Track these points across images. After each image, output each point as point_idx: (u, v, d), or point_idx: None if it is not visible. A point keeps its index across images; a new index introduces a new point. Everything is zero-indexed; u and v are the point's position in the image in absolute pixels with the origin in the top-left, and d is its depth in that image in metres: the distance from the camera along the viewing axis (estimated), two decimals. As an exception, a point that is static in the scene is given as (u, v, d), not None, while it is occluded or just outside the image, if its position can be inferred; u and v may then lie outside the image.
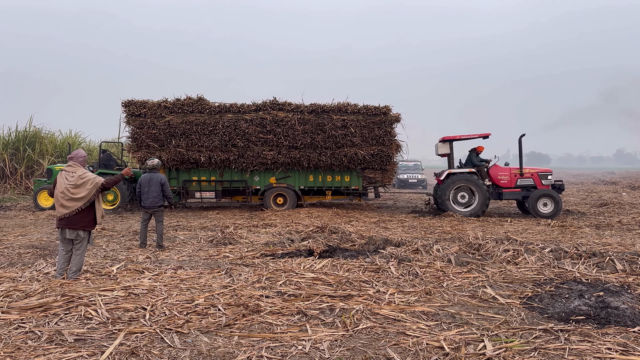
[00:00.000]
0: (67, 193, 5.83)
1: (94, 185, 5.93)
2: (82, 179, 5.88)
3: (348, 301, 5.19)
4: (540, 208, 13.38)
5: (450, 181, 13.73)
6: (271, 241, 9.03)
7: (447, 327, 4.49)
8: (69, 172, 5.95)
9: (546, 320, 4.67)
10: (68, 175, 5.93)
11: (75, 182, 5.86)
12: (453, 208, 13.60)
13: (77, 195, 5.85)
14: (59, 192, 5.88)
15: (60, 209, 5.90)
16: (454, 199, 13.77)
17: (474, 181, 13.55)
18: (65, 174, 5.95)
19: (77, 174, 5.92)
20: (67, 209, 5.86)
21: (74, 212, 5.88)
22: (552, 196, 13.40)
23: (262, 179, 15.40)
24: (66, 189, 5.85)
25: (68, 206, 5.86)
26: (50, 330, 4.27)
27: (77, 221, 5.95)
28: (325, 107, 14.87)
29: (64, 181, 5.89)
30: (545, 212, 13.31)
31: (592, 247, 8.06)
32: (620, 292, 5.38)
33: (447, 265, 6.80)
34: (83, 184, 5.88)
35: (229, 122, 14.65)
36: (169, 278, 6.13)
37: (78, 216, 5.94)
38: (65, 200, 5.85)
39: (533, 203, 13.39)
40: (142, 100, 14.88)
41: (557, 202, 13.35)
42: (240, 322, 4.57)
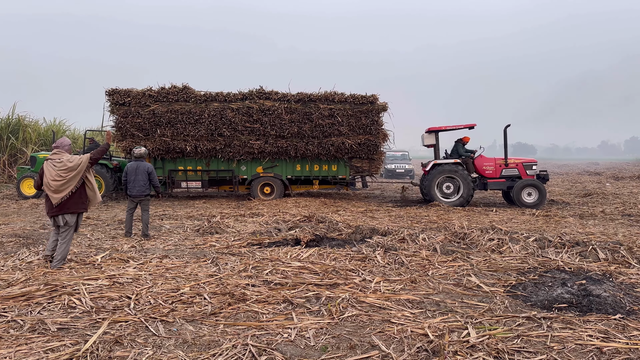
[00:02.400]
0: (59, 178, 5.98)
1: (84, 160, 6.14)
2: (71, 162, 6.08)
3: (334, 290, 5.21)
4: (525, 198, 13.50)
5: (436, 172, 13.79)
6: (258, 230, 9.01)
7: (431, 315, 4.53)
8: (55, 159, 6.09)
9: (529, 308, 4.73)
10: (55, 162, 6.06)
11: (65, 164, 6.03)
12: (438, 198, 13.68)
13: (70, 175, 6.03)
14: (50, 180, 5.99)
15: (55, 195, 6.01)
16: (440, 189, 13.85)
17: (459, 172, 13.62)
18: (51, 162, 6.07)
19: (65, 158, 6.09)
20: (62, 193, 6.01)
21: (67, 195, 6.05)
22: (536, 186, 13.52)
23: (249, 168, 15.33)
24: (57, 174, 5.98)
25: (62, 189, 6.01)
26: (33, 319, 4.22)
27: (70, 205, 6.13)
28: (312, 96, 14.79)
29: (52, 169, 6.01)
30: (530, 202, 13.44)
31: (576, 236, 8.16)
32: (602, 281, 5.47)
33: (432, 254, 6.85)
34: (73, 165, 6.06)
35: (215, 111, 14.52)
36: (154, 267, 6.10)
37: (71, 200, 6.12)
38: (59, 184, 5.99)
39: (517, 193, 13.50)
40: (126, 89, 14.66)
41: (541, 191, 13.48)
42: (226, 310, 4.56)
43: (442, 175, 13.74)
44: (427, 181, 13.86)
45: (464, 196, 13.55)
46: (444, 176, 13.76)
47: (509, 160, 14.11)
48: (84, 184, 6.29)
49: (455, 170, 13.65)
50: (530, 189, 13.53)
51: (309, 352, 3.72)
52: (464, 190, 13.54)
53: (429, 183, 13.82)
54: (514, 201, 13.68)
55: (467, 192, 13.52)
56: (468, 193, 13.52)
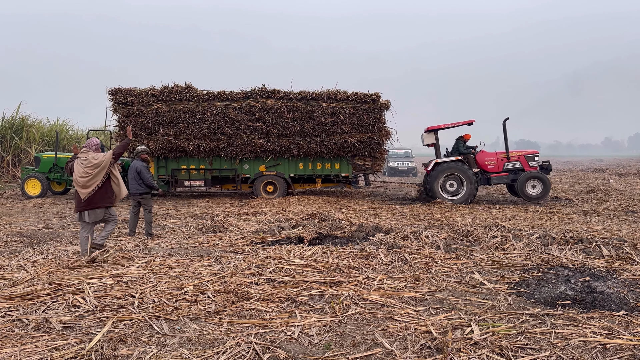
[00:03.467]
0: (86, 175, 6.47)
1: (108, 157, 6.63)
2: (95, 159, 6.57)
3: (337, 287, 5.22)
4: (529, 190, 13.48)
5: (438, 170, 13.76)
6: (261, 229, 9.02)
7: (435, 312, 4.53)
8: (82, 157, 6.60)
9: (533, 305, 4.72)
10: (82, 160, 6.57)
11: (91, 162, 6.52)
12: (442, 196, 13.66)
13: (95, 172, 6.51)
14: (78, 177, 6.48)
15: (83, 191, 6.49)
16: (443, 188, 13.83)
17: (461, 169, 13.60)
18: (79, 160, 6.59)
19: (90, 156, 6.60)
20: (89, 188, 6.49)
21: (94, 191, 6.52)
22: (540, 178, 13.50)
23: (252, 167, 15.34)
24: (84, 171, 6.48)
25: (89, 185, 6.49)
26: (38, 318, 4.25)
27: (97, 200, 6.60)
28: (314, 94, 14.79)
29: (79, 166, 6.53)
30: (534, 194, 13.43)
31: (579, 233, 8.14)
32: (606, 277, 5.45)
33: (435, 252, 6.85)
34: (98, 162, 6.54)
35: (217, 110, 14.54)
36: (158, 266, 6.11)
37: (98, 195, 6.58)
38: (86, 180, 6.47)
39: (521, 185, 13.48)
40: (129, 88, 14.70)
41: (545, 183, 13.46)
42: (229, 308, 4.57)
43: (444, 173, 13.72)
44: (430, 180, 13.85)
45: (467, 193, 13.52)
46: (446, 174, 13.73)
47: (511, 153, 14.06)
48: (110, 179, 6.75)
49: (457, 168, 13.63)
50: (534, 181, 13.51)
51: (313, 349, 3.73)
52: (467, 187, 13.52)
53: (432, 182, 13.80)
54: (519, 194, 13.65)
55: (470, 189, 13.50)
56: (471, 190, 13.50)
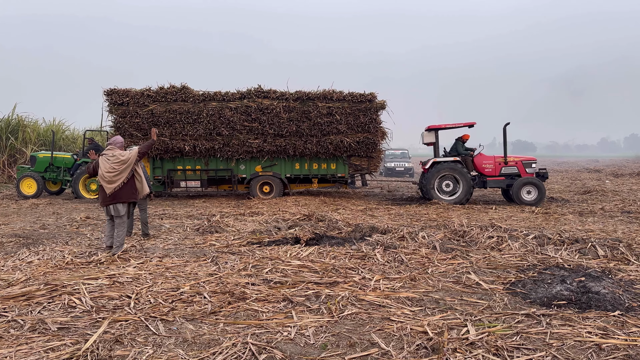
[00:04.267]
0: (113, 170, 6.84)
1: (134, 154, 7.01)
2: (122, 156, 6.93)
3: (334, 288, 5.22)
4: (524, 196, 13.52)
5: (435, 170, 13.79)
6: (258, 229, 9.02)
7: (431, 312, 4.54)
8: (109, 154, 6.94)
9: (529, 305, 4.74)
10: (109, 156, 6.92)
11: (118, 158, 6.89)
12: (438, 196, 13.69)
13: (122, 168, 6.88)
14: (105, 172, 6.85)
15: (109, 186, 6.86)
16: (439, 187, 13.85)
17: (458, 170, 13.63)
18: (106, 157, 6.93)
19: (117, 153, 6.96)
20: (115, 184, 6.86)
21: (120, 186, 6.88)
22: (535, 184, 13.53)
23: (248, 167, 15.33)
24: (111, 167, 6.84)
25: (115, 180, 6.86)
26: (33, 319, 4.23)
27: (122, 195, 6.95)
28: (310, 94, 14.80)
29: (106, 162, 6.88)
30: (529, 200, 13.46)
31: (575, 233, 8.17)
32: (602, 277, 5.47)
33: (432, 252, 6.86)
34: (124, 159, 6.91)
35: (213, 111, 14.52)
36: (154, 266, 6.10)
37: (123, 190, 6.95)
38: (113, 176, 6.85)
39: (516, 191, 13.52)
40: (124, 89, 14.67)
41: (540, 190, 13.49)
42: (225, 309, 4.56)
43: (441, 173, 13.74)
44: (427, 179, 13.87)
45: (463, 194, 13.55)
46: (443, 174, 13.76)
47: (509, 159, 14.11)
48: (134, 175, 7.13)
49: (454, 168, 13.65)
50: (529, 187, 13.55)
51: (309, 350, 3.73)
52: (464, 188, 13.55)
53: (428, 181, 13.82)
54: (514, 199, 13.69)
55: (466, 190, 13.53)
56: (467, 191, 13.53)
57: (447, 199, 13.59)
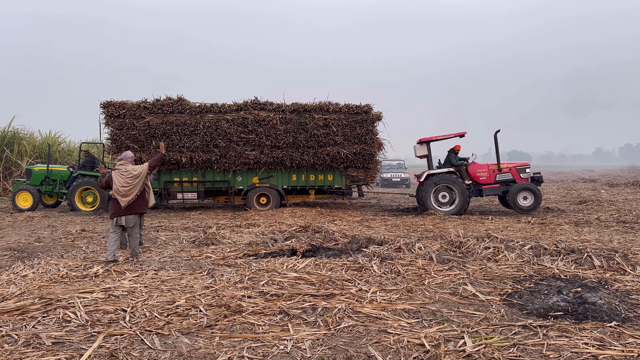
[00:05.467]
0: (127, 184, 7.22)
1: (145, 169, 7.40)
2: (135, 170, 7.33)
3: (330, 300, 5.20)
4: (520, 201, 13.57)
5: (430, 182, 13.81)
6: (254, 241, 9.00)
7: (428, 324, 4.53)
8: (122, 169, 7.32)
9: (525, 317, 4.74)
10: (122, 171, 7.30)
11: (131, 173, 7.27)
12: (435, 208, 13.70)
13: (135, 182, 7.27)
14: (120, 187, 7.20)
15: (123, 199, 7.21)
16: (435, 199, 13.87)
17: (453, 181, 13.66)
18: (119, 172, 7.31)
19: (130, 167, 7.36)
20: (130, 196, 7.23)
21: (134, 199, 7.26)
22: (531, 189, 13.59)
23: (245, 179, 15.33)
24: (125, 181, 7.22)
25: (129, 193, 7.24)
26: (28, 333, 4.20)
27: (135, 207, 7.35)
28: (306, 106, 14.86)
29: (120, 177, 7.26)
30: (526, 205, 13.51)
31: (571, 244, 8.19)
32: (598, 288, 5.48)
33: (428, 263, 6.85)
34: (137, 173, 7.30)
35: (210, 123, 14.54)
36: (149, 279, 6.07)
37: (136, 202, 7.34)
38: (127, 190, 7.22)
39: (513, 197, 13.56)
40: (121, 101, 14.69)
41: (536, 195, 13.55)
42: (221, 322, 4.54)
43: (437, 185, 13.77)
44: (423, 191, 13.89)
45: (460, 204, 13.57)
46: (439, 186, 13.78)
47: (502, 165, 14.17)
48: (144, 188, 7.52)
49: (449, 179, 13.69)
50: (525, 193, 13.60)
51: (306, 363, 3.71)
52: (460, 198, 13.57)
53: (424, 193, 13.85)
54: (511, 206, 13.73)
55: (463, 200, 13.55)
56: (464, 201, 13.55)
57: (444, 210, 13.61)
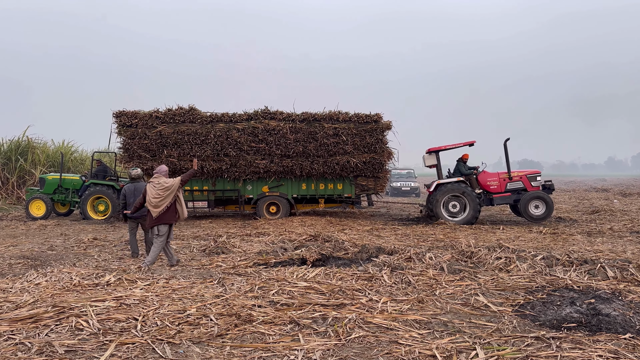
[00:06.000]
0: (158, 196, 7.60)
1: (176, 182, 7.76)
2: (167, 183, 7.71)
3: (341, 310, 5.19)
4: (532, 210, 13.46)
5: (440, 192, 13.76)
6: (264, 250, 9.01)
7: (439, 335, 4.50)
8: (155, 182, 7.73)
9: (538, 328, 4.69)
10: (155, 184, 7.70)
11: (163, 185, 7.66)
12: (446, 217, 13.63)
13: (166, 194, 7.63)
14: (152, 198, 7.61)
15: (155, 210, 7.59)
16: (446, 208, 13.80)
17: (463, 190, 13.59)
18: (152, 184, 7.70)
19: (162, 180, 7.76)
20: (160, 207, 7.59)
21: (164, 210, 7.61)
22: (542, 198, 13.48)
23: (255, 187, 15.39)
24: (157, 193, 7.62)
25: (160, 205, 7.60)
26: (41, 341, 4.23)
27: (166, 218, 7.69)
28: (316, 115, 14.93)
29: (152, 189, 7.66)
30: (538, 214, 13.40)
31: (584, 254, 8.11)
32: (612, 299, 5.41)
33: (439, 274, 6.82)
34: (168, 186, 7.67)
35: (220, 132, 14.66)
36: (161, 288, 6.10)
37: (167, 213, 7.69)
38: (159, 201, 7.60)
39: (524, 206, 13.46)
40: (133, 111, 14.87)
41: (548, 203, 13.43)
42: (232, 332, 4.55)
43: (447, 194, 13.71)
44: (433, 201, 13.84)
45: (471, 214, 13.48)
46: (449, 195, 13.72)
47: (513, 174, 14.07)
48: (176, 201, 7.82)
49: (459, 189, 13.63)
50: (537, 202, 13.49)
51: (316, 373, 3.70)
52: (471, 208, 13.49)
53: (434, 203, 13.79)
54: (522, 214, 13.63)
55: (473, 210, 13.46)
56: (475, 211, 13.47)
57: (455, 220, 13.53)
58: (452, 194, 13.70)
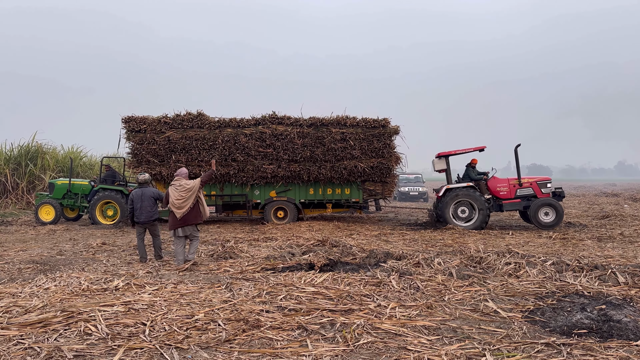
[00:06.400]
0: (181, 197, 7.96)
1: (197, 183, 8.09)
2: (188, 184, 8.09)
3: (349, 316, 5.17)
4: (542, 217, 13.35)
5: (449, 196, 13.69)
6: (272, 255, 9.01)
7: (448, 341, 4.46)
8: (177, 184, 8.10)
9: (548, 334, 4.64)
10: (177, 186, 8.07)
11: (184, 187, 8.03)
12: (454, 223, 13.56)
13: (188, 195, 7.98)
14: (175, 200, 7.96)
15: (178, 211, 7.96)
16: (455, 214, 13.73)
17: (473, 195, 13.52)
18: (174, 187, 8.08)
19: (183, 182, 8.12)
20: (183, 209, 7.95)
21: (187, 211, 7.97)
22: (553, 205, 13.37)
23: (263, 192, 15.41)
24: (180, 194, 7.97)
25: (183, 206, 7.96)
26: (50, 346, 4.25)
27: (190, 219, 8.06)
28: (324, 120, 14.94)
29: (175, 191, 8.03)
30: (547, 221, 13.29)
31: (594, 259, 8.03)
32: (623, 305, 5.35)
33: (448, 279, 6.77)
34: (190, 187, 8.03)
35: (228, 137, 14.72)
36: (169, 293, 6.11)
37: (191, 214, 8.05)
38: (181, 202, 7.96)
39: (534, 213, 13.36)
40: (142, 116, 14.98)
41: (558, 210, 13.32)
42: (240, 337, 4.54)
43: (455, 199, 13.64)
44: (442, 206, 13.78)
45: (480, 219, 13.40)
46: (458, 200, 13.66)
47: (523, 180, 13.97)
48: (198, 201, 8.14)
49: (468, 194, 13.56)
50: (547, 209, 13.38)
51: (324, 380, 3.68)
52: (480, 213, 13.41)
53: (443, 208, 13.73)
54: (532, 221, 13.53)
55: (482, 215, 13.38)
56: (484, 216, 13.38)
57: (464, 225, 13.45)
58: (461, 199, 13.63)
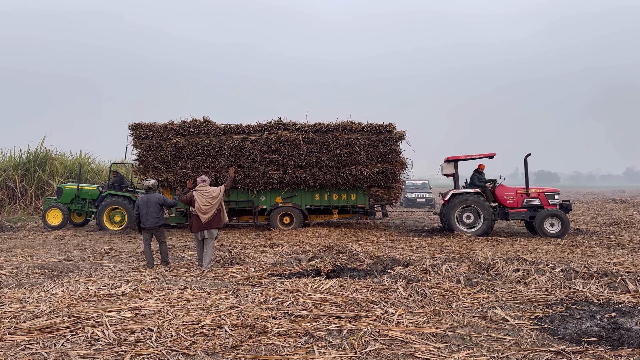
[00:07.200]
0: (207, 204, 8.37)
1: (222, 191, 8.59)
2: (214, 192, 8.51)
3: (356, 322, 5.14)
4: (547, 228, 13.24)
5: (455, 201, 13.65)
6: (278, 261, 8.99)
7: (456, 349, 4.43)
8: (203, 190, 8.45)
9: (557, 342, 4.59)
10: (203, 192, 8.43)
11: (211, 194, 8.44)
12: (459, 228, 13.51)
13: (214, 202, 8.44)
14: (201, 205, 8.35)
15: (204, 216, 8.37)
16: (460, 219, 13.68)
17: (482, 204, 13.46)
18: (200, 193, 8.42)
19: (208, 188, 8.52)
20: (209, 214, 8.39)
21: (212, 216, 8.41)
22: (559, 216, 13.26)
23: (268, 198, 15.42)
24: (207, 201, 8.38)
25: (209, 211, 8.39)
26: (57, 351, 4.25)
27: (213, 223, 8.48)
28: (329, 126, 14.96)
29: (201, 197, 8.38)
30: (552, 232, 13.18)
31: (603, 266, 7.95)
32: (633, 313, 5.29)
33: (456, 286, 6.73)
34: (215, 194, 8.47)
35: (234, 143, 14.76)
36: (175, 299, 6.11)
37: (214, 220, 8.48)
38: (208, 208, 8.39)
39: (540, 223, 13.25)
40: (148, 123, 15.08)
41: (564, 222, 13.20)
42: (246, 343, 4.53)
43: (461, 205, 13.60)
44: (447, 211, 13.73)
45: (484, 226, 13.34)
46: (463, 206, 13.61)
47: (531, 190, 13.89)
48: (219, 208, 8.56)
49: (474, 200, 13.50)
50: (552, 219, 13.28)
51: (332, 387, 3.66)
52: (485, 219, 13.35)
53: (448, 213, 13.68)
54: (537, 231, 13.44)
55: (488, 221, 13.32)
56: (489, 223, 13.32)
57: (468, 231, 13.40)
58: (467, 205, 13.58)
